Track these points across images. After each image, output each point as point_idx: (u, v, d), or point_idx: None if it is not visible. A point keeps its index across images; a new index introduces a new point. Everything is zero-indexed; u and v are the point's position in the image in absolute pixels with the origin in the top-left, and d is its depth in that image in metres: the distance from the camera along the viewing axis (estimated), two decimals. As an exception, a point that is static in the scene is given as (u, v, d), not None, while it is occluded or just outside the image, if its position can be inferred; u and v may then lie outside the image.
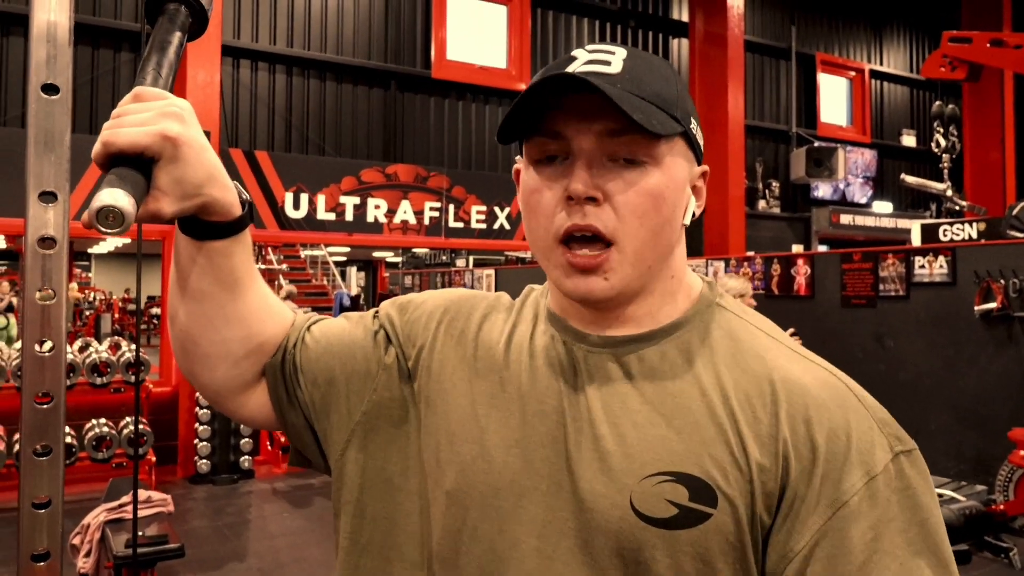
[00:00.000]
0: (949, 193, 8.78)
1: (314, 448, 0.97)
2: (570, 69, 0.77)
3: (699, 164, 0.85)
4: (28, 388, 0.92)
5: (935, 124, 8.98)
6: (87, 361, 6.34)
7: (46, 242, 0.92)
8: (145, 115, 0.78)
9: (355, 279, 21.97)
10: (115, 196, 0.69)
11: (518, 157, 0.85)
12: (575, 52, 0.81)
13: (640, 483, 0.74)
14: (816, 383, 0.76)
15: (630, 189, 0.76)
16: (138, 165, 0.76)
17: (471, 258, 16.09)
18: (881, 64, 15.17)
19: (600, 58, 0.78)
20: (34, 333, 0.91)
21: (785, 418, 0.73)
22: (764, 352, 0.79)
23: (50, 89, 0.91)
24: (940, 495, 4.74)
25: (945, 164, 8.88)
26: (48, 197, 0.91)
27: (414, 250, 16.71)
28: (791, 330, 4.64)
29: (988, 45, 8.16)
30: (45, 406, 0.93)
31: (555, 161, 0.79)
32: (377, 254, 17.49)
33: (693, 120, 0.82)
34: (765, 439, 0.73)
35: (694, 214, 0.85)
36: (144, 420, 6.54)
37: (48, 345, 0.92)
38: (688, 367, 0.79)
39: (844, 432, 0.72)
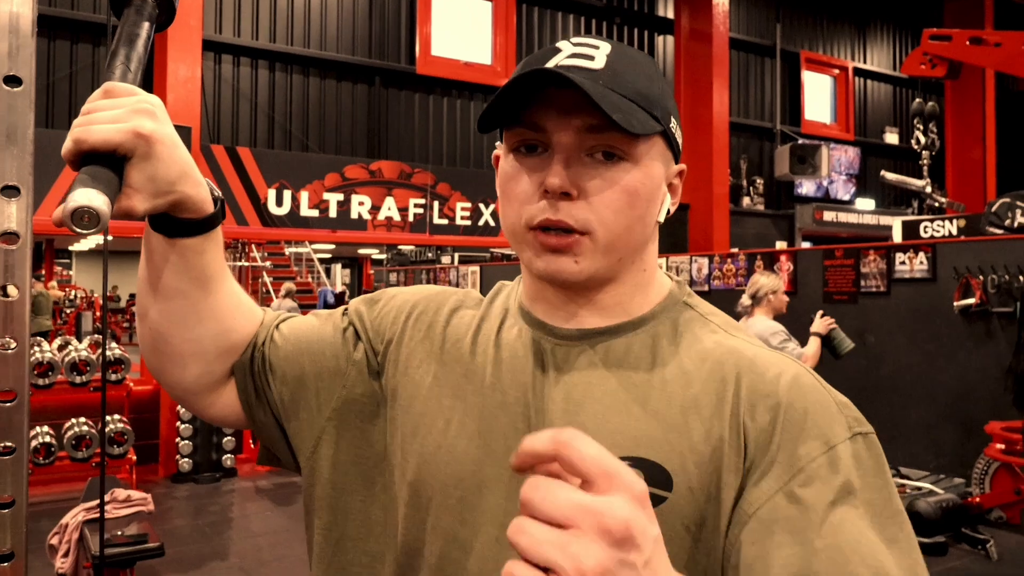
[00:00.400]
0: (928, 190, 8.84)
1: (283, 446, 0.96)
2: (553, 62, 0.78)
3: (677, 163, 0.85)
4: (-10, 385, 0.91)
5: (915, 121, 9.04)
6: (66, 359, 6.28)
7: (8, 237, 0.90)
8: (117, 112, 0.76)
9: (340, 276, 21.90)
10: (89, 196, 0.68)
11: (498, 143, 0.86)
12: (560, 44, 0.81)
13: None
14: (776, 368, 0.77)
15: (606, 185, 0.77)
16: (110, 163, 0.75)
17: (456, 255, 16.07)
18: (865, 62, 15.25)
19: (584, 52, 0.78)
20: (-3, 330, 0.90)
21: (745, 396, 0.75)
22: (726, 342, 0.81)
23: (12, 81, 0.90)
24: (919, 488, 4.78)
25: (925, 161, 8.94)
26: (10, 191, 0.90)
27: (399, 247, 16.68)
28: (820, 312, 4.65)
29: (968, 43, 8.22)
30: (8, 404, 0.91)
31: (534, 151, 0.79)
32: (362, 251, 17.44)
33: (673, 119, 0.82)
34: (727, 420, 0.75)
35: (669, 211, 0.86)
36: (125, 419, 6.49)
37: (11, 342, 0.91)
38: (653, 359, 0.81)
39: (802, 407, 0.73)
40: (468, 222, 9.43)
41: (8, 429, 0.92)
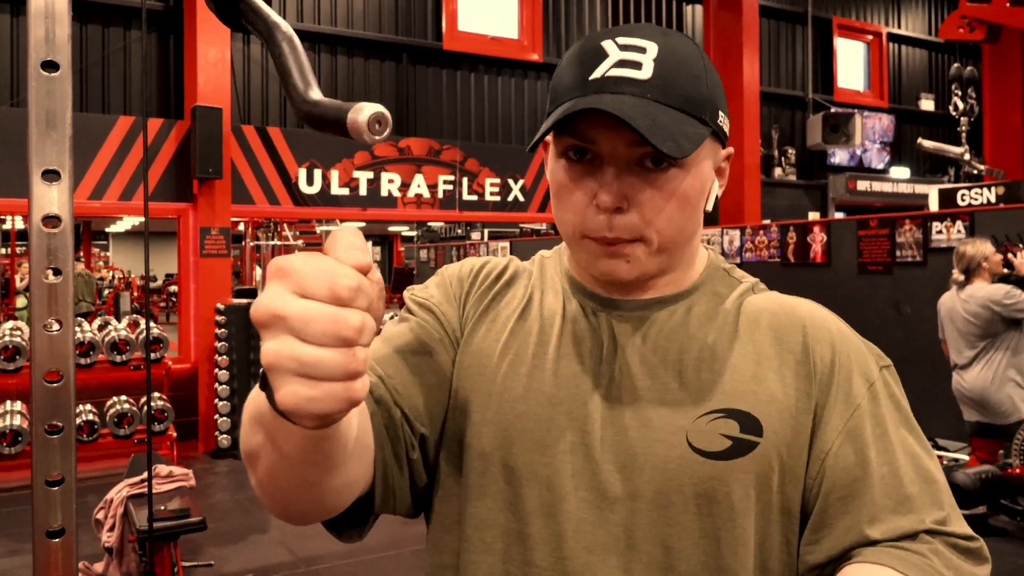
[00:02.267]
0: (967, 157, 8.65)
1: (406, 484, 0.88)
2: (600, 70, 0.79)
3: (724, 147, 0.89)
4: (37, 367, 0.93)
5: (953, 87, 8.82)
6: (106, 339, 6.41)
7: (51, 220, 0.92)
8: (341, 363, 0.53)
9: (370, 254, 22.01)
10: (376, 106, 0.66)
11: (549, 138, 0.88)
12: (605, 44, 0.81)
13: (694, 422, 0.81)
14: (820, 313, 0.89)
15: (657, 194, 0.81)
16: None
17: (486, 231, 16.06)
18: (899, 27, 14.90)
19: (631, 58, 0.79)
20: (42, 312, 0.92)
21: (812, 344, 0.84)
22: (776, 296, 0.91)
23: (50, 66, 0.91)
24: (956, 460, 4.73)
25: (963, 127, 8.73)
26: (51, 176, 0.92)
27: (429, 224, 16.70)
28: (993, 251, 4.67)
29: (1008, 4, 7.99)
30: (55, 384, 0.94)
31: (584, 156, 0.82)
32: (392, 228, 17.51)
33: (721, 112, 0.84)
34: (796, 365, 0.84)
35: (717, 197, 0.90)
36: (164, 397, 6.62)
37: (56, 324, 0.93)
38: (717, 316, 0.87)
39: (845, 352, 0.85)
40: (497, 198, 9.42)
41: (56, 409, 0.95)
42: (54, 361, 0.94)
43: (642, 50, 0.80)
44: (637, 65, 0.79)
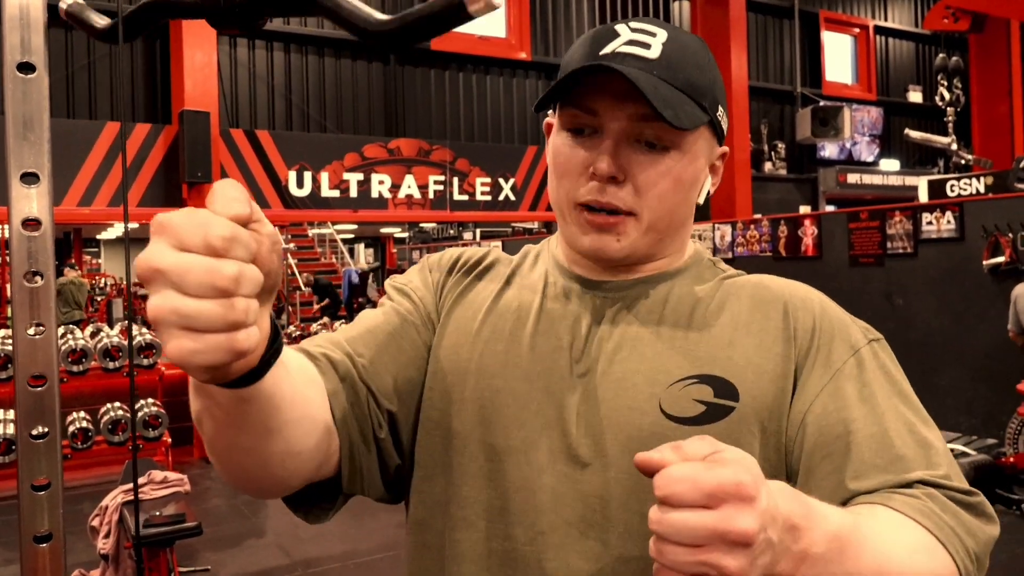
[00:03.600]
0: (954, 147, 8.68)
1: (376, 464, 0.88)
2: (611, 46, 0.82)
3: (720, 145, 0.90)
4: (21, 371, 0.92)
5: (939, 77, 8.85)
6: (99, 346, 6.38)
7: (30, 224, 0.91)
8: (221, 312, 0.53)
9: (363, 256, 21.99)
10: None
11: (551, 112, 0.89)
12: (618, 27, 0.84)
13: (667, 389, 0.81)
14: (805, 292, 0.89)
15: (652, 172, 0.82)
16: None
17: (478, 230, 16.06)
18: (885, 20, 14.95)
19: (641, 39, 0.82)
20: (24, 316, 0.91)
21: (792, 311, 0.85)
22: (757, 278, 0.91)
23: (26, 68, 0.90)
24: (951, 450, 4.75)
25: (950, 118, 8.76)
26: (30, 178, 0.91)
27: (421, 225, 16.69)
28: None
29: (991, -6, 8.03)
30: (39, 388, 0.93)
31: (584, 131, 0.84)
32: (385, 230, 17.48)
33: (721, 107, 0.86)
34: (773, 331, 0.84)
35: (709, 193, 0.92)
36: (158, 403, 6.59)
37: (39, 328, 0.92)
38: (695, 296, 0.88)
39: (827, 320, 0.85)
40: (488, 197, 9.41)
41: (41, 413, 0.94)
42: (37, 365, 0.93)
43: (652, 34, 0.83)
44: (646, 46, 0.82)
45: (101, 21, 1.02)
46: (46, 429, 0.93)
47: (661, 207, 0.83)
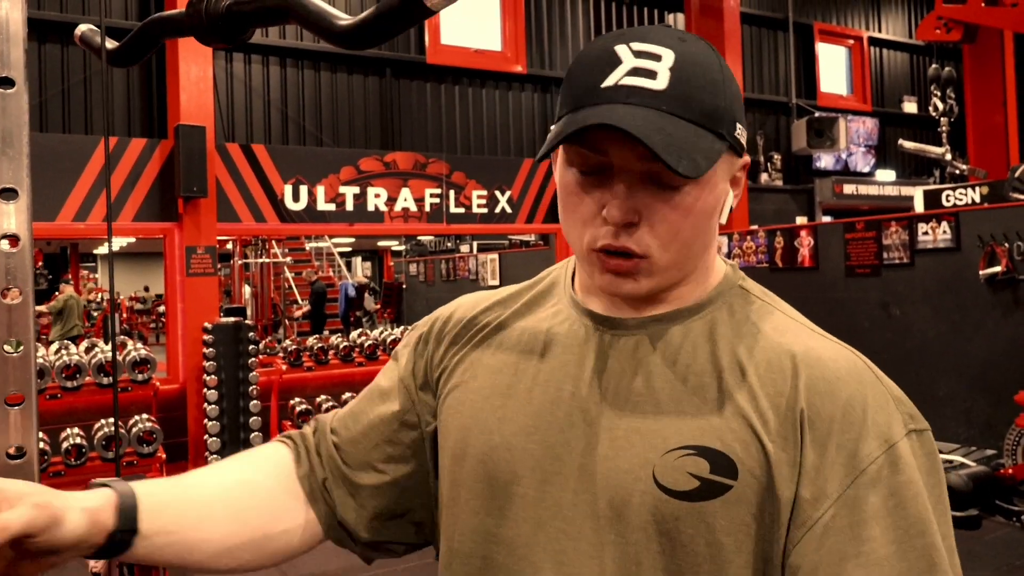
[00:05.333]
0: (948, 157, 8.70)
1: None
2: (613, 78, 0.75)
3: (740, 157, 0.85)
4: (-2, 389, 0.90)
5: (932, 88, 8.88)
6: (93, 361, 6.35)
7: (9, 239, 0.90)
8: None
9: (360, 269, 21.98)
10: None
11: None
12: (619, 50, 0.77)
13: (662, 457, 0.76)
14: (835, 357, 0.78)
15: (668, 210, 0.77)
16: None
17: (475, 243, 16.06)
18: (880, 31, 15.02)
19: (646, 66, 0.75)
20: (2, 333, 0.90)
21: (803, 389, 0.76)
22: (785, 330, 0.82)
23: (5, 83, 0.89)
24: (950, 461, 4.73)
25: (944, 128, 8.78)
26: (8, 194, 0.90)
27: (418, 238, 16.68)
28: None
29: (983, 4, 8.06)
30: (17, 407, 0.91)
31: (594, 167, 0.79)
32: (382, 243, 17.49)
33: (739, 124, 0.81)
34: (784, 410, 0.75)
35: (732, 208, 0.86)
36: (153, 418, 6.56)
37: (17, 345, 0.91)
38: (710, 345, 0.81)
39: (860, 404, 0.74)
40: (484, 210, 9.41)
41: (18, 432, 0.92)
42: (15, 383, 0.92)
43: (657, 57, 0.75)
44: (652, 74, 0.75)
45: (112, 45, 1.03)
46: (23, 448, 0.91)
47: (679, 244, 0.79)
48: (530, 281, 0.98)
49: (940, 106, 8.79)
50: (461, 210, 9.32)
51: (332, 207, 8.50)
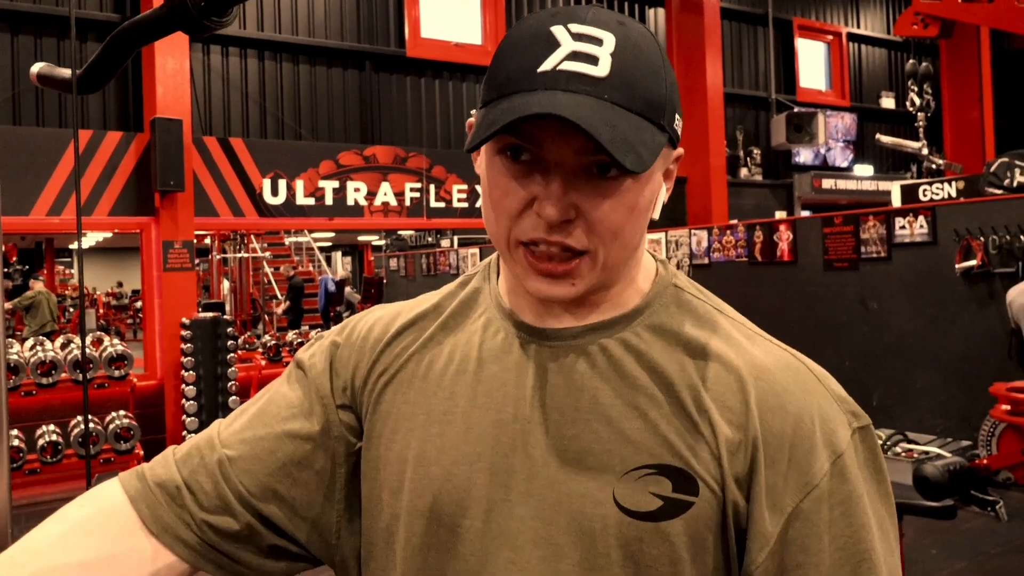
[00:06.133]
0: (925, 152, 8.78)
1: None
2: (551, 62, 0.70)
3: (675, 148, 0.80)
4: (-35, 386, 0.88)
5: (909, 83, 8.96)
6: (68, 358, 6.28)
7: (-25, 234, 0.88)
8: None
9: (340, 264, 21.88)
10: None
11: (473, 112, 0.79)
12: (556, 31, 0.71)
13: (622, 479, 0.73)
14: (779, 366, 0.77)
15: (605, 203, 0.72)
16: None
17: (455, 238, 16.02)
18: (858, 27, 15.13)
19: (586, 50, 0.70)
20: (-32, 329, 0.88)
21: (755, 405, 0.74)
22: (727, 336, 0.79)
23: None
24: (926, 452, 4.78)
25: (921, 123, 8.86)
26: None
27: (399, 232, 16.63)
28: None
29: (960, 0, 8.13)
30: (-16, 404, 0.90)
31: (521, 155, 0.73)
32: (362, 238, 17.42)
33: (677, 115, 0.76)
34: (736, 426, 0.74)
35: (664, 203, 0.81)
36: (130, 415, 6.50)
37: (-16, 341, 0.89)
38: (654, 355, 0.77)
39: (809, 417, 0.74)
40: (465, 204, 9.39)
41: (-14, 430, 0.90)
42: (-18, 381, 0.90)
43: (598, 41, 0.70)
44: (593, 60, 0.69)
45: (66, 73, 1.00)
46: (-8, 447, 0.89)
47: (618, 241, 0.74)
48: (449, 288, 0.90)
49: (917, 101, 8.86)
50: (441, 204, 9.29)
51: (311, 201, 8.45)
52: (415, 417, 0.82)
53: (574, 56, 0.70)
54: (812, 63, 14.50)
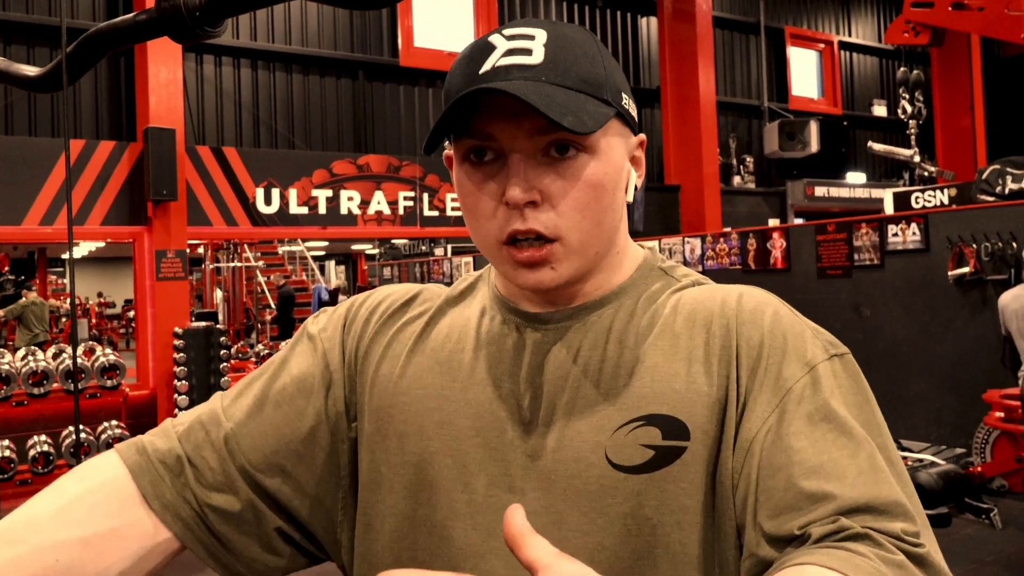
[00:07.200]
0: (916, 159, 8.82)
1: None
2: (490, 62, 0.74)
3: (635, 134, 0.83)
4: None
5: (900, 90, 9.00)
6: (60, 368, 6.25)
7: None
8: None
9: (334, 273, 21.85)
10: None
11: (447, 144, 0.82)
12: (492, 38, 0.77)
13: (612, 436, 0.75)
14: (754, 294, 0.80)
15: (568, 184, 0.75)
16: None
17: (449, 246, 16.02)
18: (850, 35, 15.21)
19: (520, 46, 0.75)
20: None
21: (734, 327, 0.76)
22: (704, 290, 0.82)
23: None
24: (920, 460, 4.78)
25: (912, 130, 8.90)
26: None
27: (392, 241, 16.63)
28: None
29: (950, 8, 8.17)
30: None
31: (484, 156, 0.76)
32: (356, 247, 17.40)
33: (624, 95, 0.80)
34: (719, 352, 0.76)
35: (636, 187, 0.84)
36: (122, 424, 6.47)
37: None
38: (639, 322, 0.80)
39: (781, 333, 0.76)
40: (458, 213, 9.38)
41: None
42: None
43: (531, 37, 0.75)
44: (527, 52, 0.74)
45: (31, 71, 0.97)
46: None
47: (586, 221, 0.76)
48: (454, 284, 0.94)
49: (909, 109, 8.91)
50: (435, 213, 9.29)
51: (305, 210, 8.44)
52: (412, 392, 0.84)
53: (509, 53, 0.75)
54: (804, 71, 14.57)
